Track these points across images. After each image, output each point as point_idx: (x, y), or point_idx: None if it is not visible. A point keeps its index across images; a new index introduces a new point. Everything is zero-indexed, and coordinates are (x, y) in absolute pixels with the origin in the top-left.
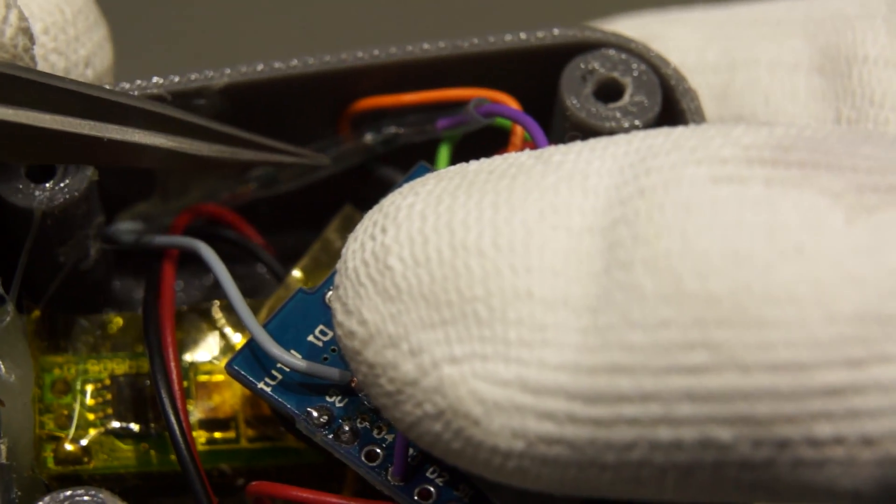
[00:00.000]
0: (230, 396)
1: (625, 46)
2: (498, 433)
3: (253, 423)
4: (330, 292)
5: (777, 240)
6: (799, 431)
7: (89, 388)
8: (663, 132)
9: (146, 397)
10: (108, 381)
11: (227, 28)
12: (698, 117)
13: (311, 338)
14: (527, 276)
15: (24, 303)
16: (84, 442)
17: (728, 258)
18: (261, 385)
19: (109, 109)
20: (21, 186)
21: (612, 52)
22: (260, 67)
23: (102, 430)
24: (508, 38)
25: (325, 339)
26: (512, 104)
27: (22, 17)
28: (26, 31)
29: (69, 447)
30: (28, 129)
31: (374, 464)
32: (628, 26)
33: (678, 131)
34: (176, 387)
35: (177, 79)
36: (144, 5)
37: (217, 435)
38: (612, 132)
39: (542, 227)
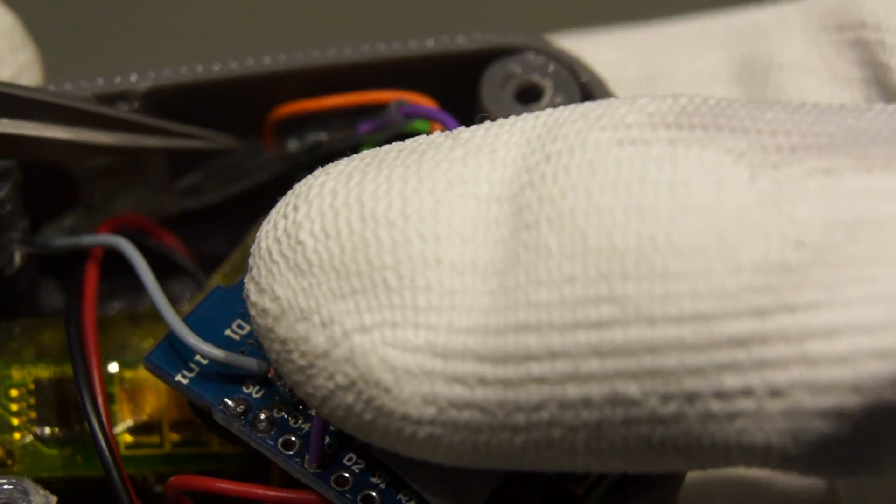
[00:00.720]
0: (156, 401)
1: (543, 50)
2: (409, 400)
3: (178, 428)
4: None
5: (680, 194)
6: (707, 384)
7: (13, 392)
8: (570, 107)
9: (71, 402)
10: (32, 386)
11: (153, 32)
12: None
13: (228, 332)
14: (435, 244)
15: None
16: (8, 446)
17: (632, 213)
18: (178, 377)
19: (7, 103)
20: None
21: (531, 55)
22: (183, 71)
23: (27, 434)
24: (430, 43)
25: (243, 332)
26: (431, 105)
27: None
28: None
29: None
30: None
31: (291, 452)
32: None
33: (584, 105)
34: (98, 389)
35: (101, 81)
36: (74, 8)
37: (142, 439)
38: None
39: (451, 196)
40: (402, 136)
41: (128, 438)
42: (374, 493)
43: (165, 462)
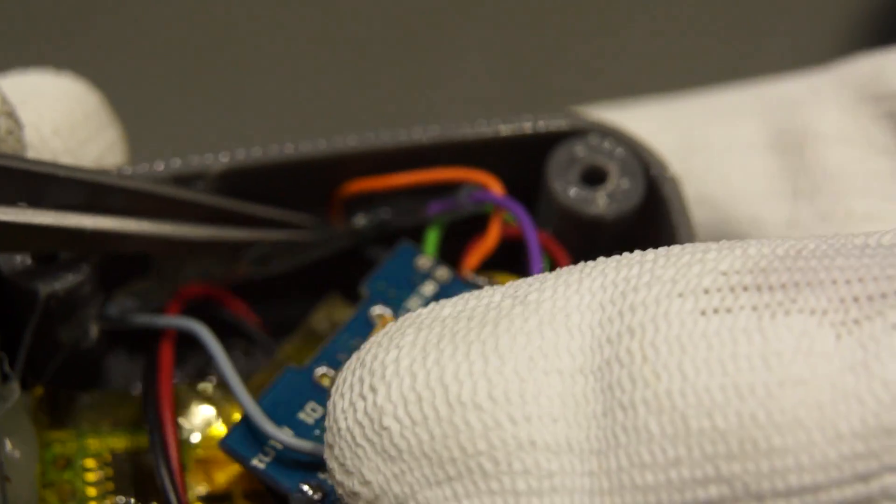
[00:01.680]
0: (227, 472)
1: (609, 132)
2: None
3: (251, 498)
4: (319, 370)
5: (774, 368)
6: None
7: (89, 463)
8: (636, 260)
9: (146, 473)
10: (108, 457)
11: (226, 116)
12: (679, 204)
13: (301, 415)
14: (527, 426)
15: (27, 380)
16: None
17: (730, 392)
18: (254, 461)
19: (93, 193)
20: (26, 268)
21: (595, 138)
22: (256, 152)
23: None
24: (497, 125)
25: (316, 415)
26: (496, 187)
27: (5, 101)
28: (10, 115)
29: None
30: (3, 226)
31: None
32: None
33: (650, 259)
34: (175, 463)
35: (178, 162)
36: (150, 96)
37: None
38: (597, 217)
39: (535, 373)
40: (470, 218)
41: None
42: None
43: None
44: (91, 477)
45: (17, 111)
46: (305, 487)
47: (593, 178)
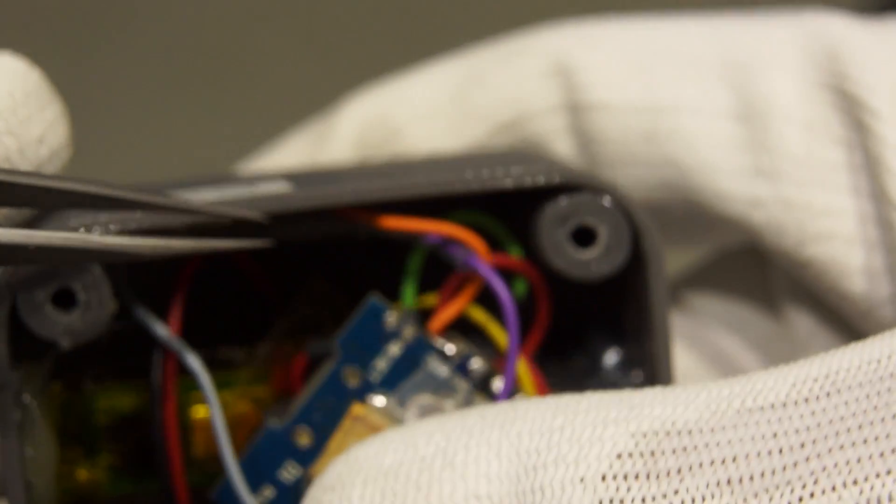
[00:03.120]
0: None
1: (601, 189)
2: None
3: None
4: (297, 430)
5: None
6: None
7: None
8: (546, 428)
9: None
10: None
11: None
12: (659, 273)
13: (284, 474)
14: None
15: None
16: None
17: None
18: None
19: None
20: (45, 314)
21: (587, 196)
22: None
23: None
24: (485, 175)
25: (296, 473)
26: (478, 245)
27: None
28: None
29: None
30: None
31: None
32: (553, 40)
33: (558, 428)
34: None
35: None
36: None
37: None
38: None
39: None
40: None
41: None
42: None
43: None
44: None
45: None
46: None
47: (583, 238)
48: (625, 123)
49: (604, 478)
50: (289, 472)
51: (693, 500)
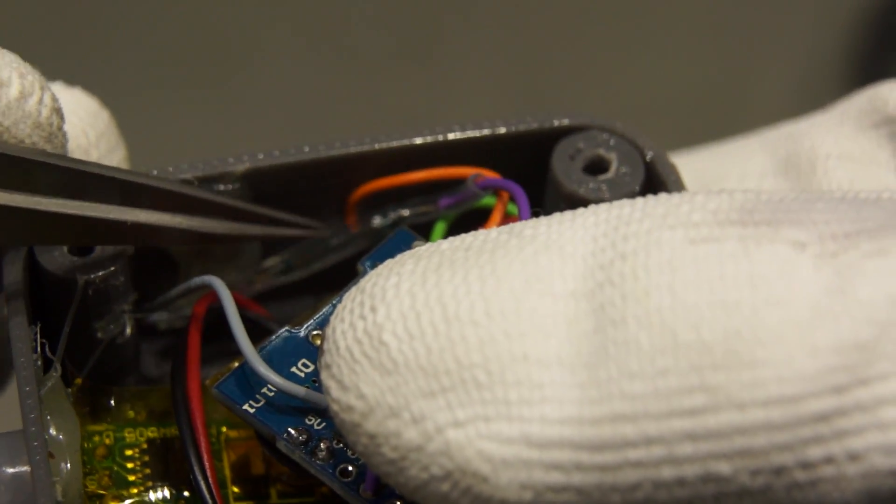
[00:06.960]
0: (258, 454)
1: (608, 128)
2: (507, 487)
3: (283, 481)
4: (314, 332)
5: (758, 289)
6: (793, 457)
7: (128, 452)
8: (628, 203)
9: (181, 459)
10: (145, 446)
11: (243, 125)
12: (678, 188)
13: (293, 369)
14: (521, 340)
15: (67, 372)
16: (127, 502)
17: (717, 308)
18: (245, 406)
19: (130, 191)
20: (63, 258)
21: (596, 133)
22: (276, 154)
23: (143, 488)
24: (503, 125)
25: (307, 370)
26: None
27: (55, 99)
28: (59, 112)
29: None
30: (51, 216)
31: (348, 480)
32: None
33: (642, 201)
34: (203, 448)
35: (202, 165)
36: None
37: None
38: (600, 201)
39: (529, 294)
40: (477, 211)
41: (236, 490)
42: None
43: None
44: (129, 465)
45: None
46: (292, 430)
47: (596, 168)
48: None
49: (696, 224)
50: (300, 370)
51: (794, 244)
